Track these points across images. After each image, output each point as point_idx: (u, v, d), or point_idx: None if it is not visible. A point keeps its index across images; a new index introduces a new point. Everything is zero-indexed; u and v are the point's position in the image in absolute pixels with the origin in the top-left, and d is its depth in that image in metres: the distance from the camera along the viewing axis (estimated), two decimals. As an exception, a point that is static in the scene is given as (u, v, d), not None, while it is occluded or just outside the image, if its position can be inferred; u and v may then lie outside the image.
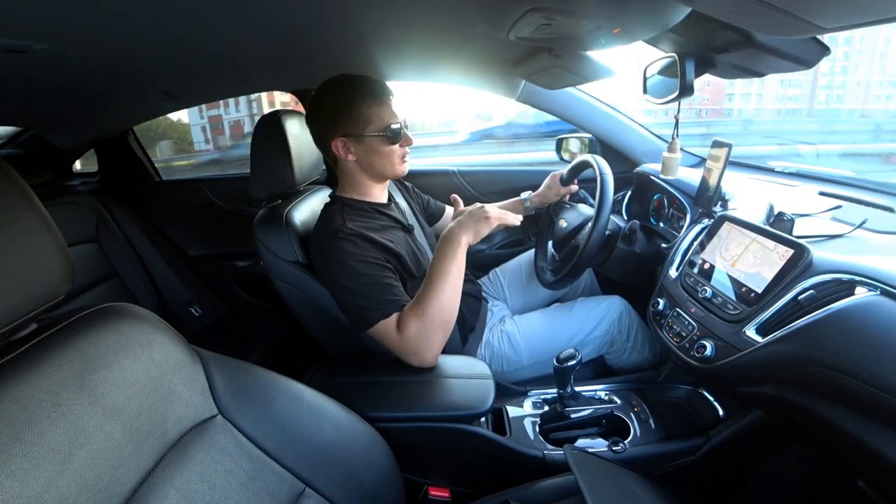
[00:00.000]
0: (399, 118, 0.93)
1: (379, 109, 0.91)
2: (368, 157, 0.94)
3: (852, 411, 0.61)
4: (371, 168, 0.96)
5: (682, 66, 0.88)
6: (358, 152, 0.94)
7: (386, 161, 0.95)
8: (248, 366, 0.64)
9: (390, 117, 0.92)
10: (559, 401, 0.96)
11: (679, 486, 0.82)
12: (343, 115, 0.90)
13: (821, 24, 0.47)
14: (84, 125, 1.58)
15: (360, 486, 0.67)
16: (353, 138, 0.92)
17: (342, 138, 0.92)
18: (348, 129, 0.91)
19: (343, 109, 0.90)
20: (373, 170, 0.96)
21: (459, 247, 0.86)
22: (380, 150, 0.93)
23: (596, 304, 1.18)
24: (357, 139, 0.92)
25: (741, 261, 0.81)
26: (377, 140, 0.92)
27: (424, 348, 0.85)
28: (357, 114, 0.90)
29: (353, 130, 0.91)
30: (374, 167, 0.95)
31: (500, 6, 0.63)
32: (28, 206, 0.46)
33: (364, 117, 0.90)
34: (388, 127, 0.91)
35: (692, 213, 1.06)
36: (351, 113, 0.90)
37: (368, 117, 0.90)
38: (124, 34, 0.76)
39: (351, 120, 0.90)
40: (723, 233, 0.88)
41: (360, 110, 0.90)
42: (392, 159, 0.95)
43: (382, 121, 0.91)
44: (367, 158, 0.94)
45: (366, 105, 0.90)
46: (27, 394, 0.41)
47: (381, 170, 0.96)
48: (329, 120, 0.92)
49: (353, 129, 0.91)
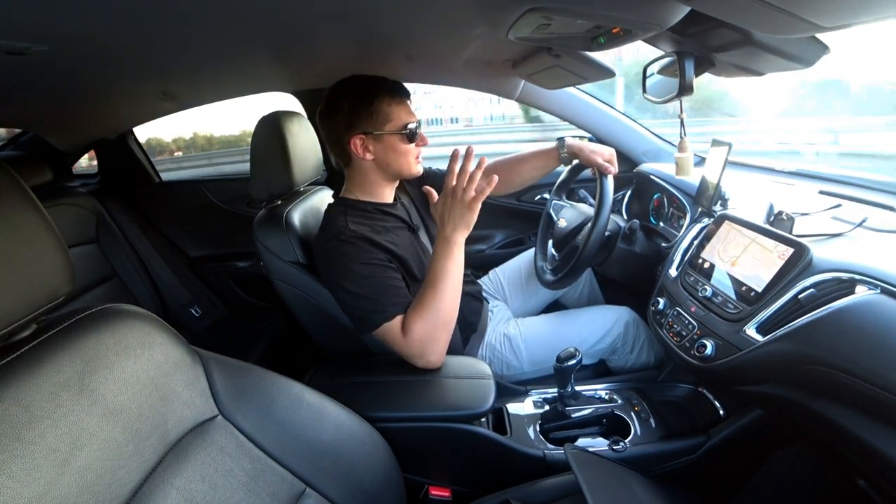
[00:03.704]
0: (416, 118, 0.94)
1: (398, 108, 0.92)
2: (386, 155, 0.94)
3: (852, 410, 0.61)
4: (388, 167, 0.96)
5: (682, 65, 0.88)
6: (376, 150, 0.93)
7: (403, 160, 0.95)
8: (249, 366, 0.64)
9: (408, 116, 0.93)
10: (559, 400, 0.96)
11: (679, 485, 0.82)
12: (363, 112, 0.90)
13: (820, 22, 0.47)
14: (84, 126, 1.58)
15: (361, 486, 0.67)
16: (371, 136, 0.92)
17: (361, 136, 0.92)
18: (368, 127, 0.91)
19: (363, 107, 0.90)
20: (389, 169, 0.96)
21: (456, 245, 0.84)
22: (398, 148, 0.93)
23: (602, 314, 1.16)
24: (376, 137, 0.92)
25: (741, 260, 0.81)
26: (396, 138, 0.92)
27: (429, 350, 0.85)
28: (378, 111, 0.90)
29: (373, 128, 0.91)
30: (392, 166, 0.95)
31: (499, 6, 0.63)
32: (28, 207, 0.46)
33: (384, 115, 0.91)
34: (407, 125, 0.92)
35: (692, 213, 1.06)
36: (371, 110, 0.90)
37: (388, 115, 0.91)
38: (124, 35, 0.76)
39: (371, 117, 0.91)
40: (723, 232, 0.88)
41: (381, 108, 0.90)
42: (409, 158, 0.95)
43: (401, 119, 0.91)
44: (384, 157, 0.94)
45: (386, 103, 0.90)
46: (28, 395, 0.42)
47: (397, 168, 0.96)
48: (348, 117, 0.91)
49: (373, 127, 0.91)
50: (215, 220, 1.82)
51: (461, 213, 0.81)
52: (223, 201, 1.82)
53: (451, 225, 0.82)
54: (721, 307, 0.79)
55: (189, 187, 1.88)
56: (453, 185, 0.80)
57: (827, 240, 0.73)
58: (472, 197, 0.79)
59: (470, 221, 0.82)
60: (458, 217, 0.81)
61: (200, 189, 1.83)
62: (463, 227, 0.82)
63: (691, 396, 1.02)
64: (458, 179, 0.80)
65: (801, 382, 0.67)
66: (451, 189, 0.81)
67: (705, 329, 0.81)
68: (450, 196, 0.81)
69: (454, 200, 0.80)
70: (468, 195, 0.79)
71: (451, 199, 0.81)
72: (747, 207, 0.92)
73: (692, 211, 1.07)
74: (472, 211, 0.80)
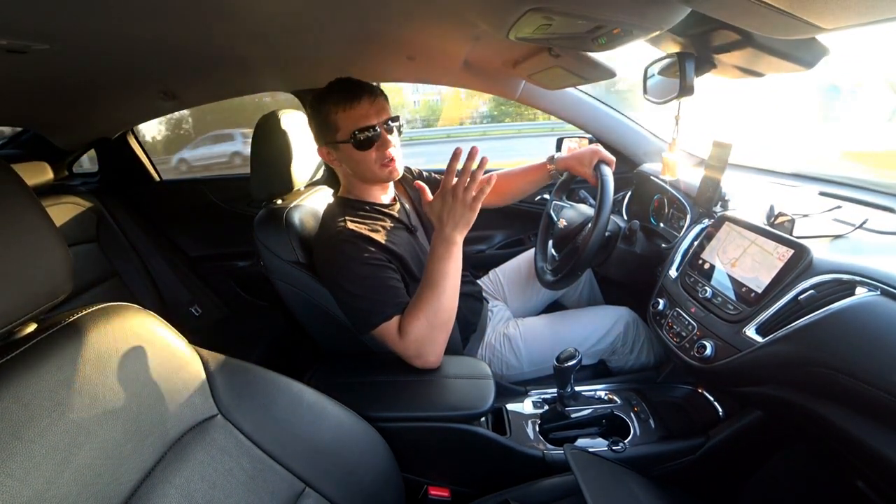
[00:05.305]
0: (373, 122, 0.89)
1: (346, 115, 0.89)
2: (349, 163, 0.95)
3: (852, 411, 0.61)
4: (356, 174, 0.96)
5: (683, 66, 0.88)
6: (340, 159, 0.95)
7: (364, 167, 0.93)
8: (248, 366, 0.64)
9: (356, 122, 0.89)
10: (559, 400, 0.96)
11: (679, 486, 0.82)
12: (321, 124, 0.92)
13: (821, 24, 0.47)
14: (84, 125, 1.58)
15: (360, 485, 0.67)
16: (331, 145, 0.93)
17: (325, 147, 0.94)
18: (326, 138, 0.93)
19: (319, 119, 0.92)
20: (358, 175, 0.97)
21: (455, 245, 0.83)
22: (354, 156, 0.92)
23: (602, 315, 1.16)
24: (334, 146, 0.93)
25: (741, 261, 0.81)
26: (349, 146, 0.91)
27: (427, 351, 0.85)
28: (327, 122, 0.91)
29: (331, 138, 0.92)
30: (357, 173, 0.96)
31: (500, 6, 0.63)
32: (29, 206, 0.46)
33: (333, 125, 0.90)
34: (353, 133, 0.89)
35: (692, 214, 1.06)
36: (326, 121, 0.91)
37: (336, 124, 0.90)
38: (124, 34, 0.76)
39: (326, 128, 0.92)
40: (723, 233, 0.88)
41: (330, 118, 0.90)
42: (369, 164, 0.92)
43: (349, 127, 0.89)
44: (349, 165, 0.95)
45: (333, 112, 0.90)
46: (28, 393, 0.42)
47: (363, 175, 0.96)
48: (314, 130, 0.95)
49: (330, 137, 0.92)
50: (215, 219, 1.82)
51: (461, 213, 0.79)
52: (223, 201, 1.82)
53: (451, 225, 0.81)
54: (721, 308, 0.79)
55: (189, 187, 1.88)
56: (453, 184, 0.79)
57: (827, 241, 0.73)
58: (472, 196, 0.78)
59: (469, 221, 0.81)
60: (459, 217, 0.80)
61: (200, 188, 1.84)
62: (462, 226, 0.81)
63: (691, 397, 1.02)
64: (460, 179, 0.78)
65: (801, 384, 0.67)
66: (450, 188, 0.79)
67: (705, 330, 0.81)
68: (449, 195, 0.79)
69: (454, 200, 0.79)
70: (469, 195, 0.78)
71: (450, 199, 0.79)
72: (747, 209, 0.92)
73: (692, 212, 1.07)
74: (472, 211, 0.79)
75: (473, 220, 0.81)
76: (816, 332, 0.62)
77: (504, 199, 1.29)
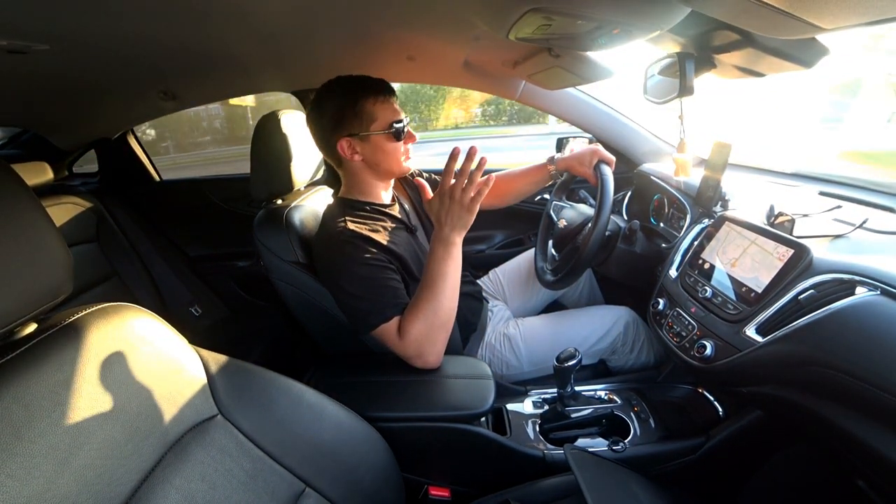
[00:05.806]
0: (402, 115, 0.93)
1: (383, 107, 0.91)
2: (375, 155, 0.94)
3: (853, 411, 0.61)
4: (378, 167, 0.96)
5: (683, 66, 0.88)
6: (364, 152, 0.94)
7: (391, 158, 0.95)
8: (249, 366, 0.64)
9: (394, 114, 0.92)
10: (559, 400, 0.96)
11: (679, 486, 0.82)
12: (348, 114, 0.90)
13: (821, 24, 0.47)
14: (84, 125, 1.58)
15: (360, 485, 0.67)
16: (358, 137, 0.92)
17: (347, 139, 0.92)
18: (354, 129, 0.91)
19: (348, 109, 0.90)
20: (379, 168, 0.96)
21: (454, 246, 0.83)
22: (385, 147, 0.93)
23: (602, 314, 1.16)
24: (363, 138, 0.92)
25: (741, 261, 0.81)
26: (383, 137, 0.92)
27: (427, 351, 0.85)
28: (362, 112, 0.90)
29: (359, 129, 0.91)
30: (381, 166, 0.95)
31: (500, 7, 0.63)
32: (29, 206, 0.46)
33: (369, 115, 0.90)
34: (392, 124, 0.91)
35: (692, 214, 1.06)
36: (356, 112, 0.90)
37: (373, 115, 0.90)
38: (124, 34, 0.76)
39: (356, 119, 0.90)
40: (723, 233, 0.88)
41: (366, 108, 0.90)
42: (397, 156, 0.95)
43: (387, 118, 0.91)
44: (373, 157, 0.94)
45: (370, 103, 0.90)
46: (28, 393, 0.42)
47: (387, 168, 0.96)
48: (333, 120, 0.91)
49: (359, 128, 0.91)
50: (215, 219, 1.82)
51: (459, 215, 0.79)
52: (223, 201, 1.82)
53: (450, 225, 0.80)
54: (721, 308, 0.79)
55: (189, 187, 1.88)
56: (451, 185, 0.78)
57: (827, 241, 0.73)
58: (470, 198, 0.77)
59: (468, 222, 0.80)
60: (457, 218, 0.79)
61: (200, 188, 1.84)
62: (461, 227, 0.81)
63: (691, 397, 1.02)
64: (458, 179, 0.78)
65: (801, 383, 0.67)
66: (448, 189, 0.78)
67: (705, 330, 0.81)
68: (447, 196, 0.79)
69: (452, 201, 0.78)
70: (466, 196, 0.77)
71: (448, 200, 0.79)
72: (747, 208, 0.92)
73: (692, 212, 1.07)
74: (470, 212, 0.79)
75: (472, 221, 0.80)
76: (816, 332, 0.62)
77: (504, 200, 1.28)
